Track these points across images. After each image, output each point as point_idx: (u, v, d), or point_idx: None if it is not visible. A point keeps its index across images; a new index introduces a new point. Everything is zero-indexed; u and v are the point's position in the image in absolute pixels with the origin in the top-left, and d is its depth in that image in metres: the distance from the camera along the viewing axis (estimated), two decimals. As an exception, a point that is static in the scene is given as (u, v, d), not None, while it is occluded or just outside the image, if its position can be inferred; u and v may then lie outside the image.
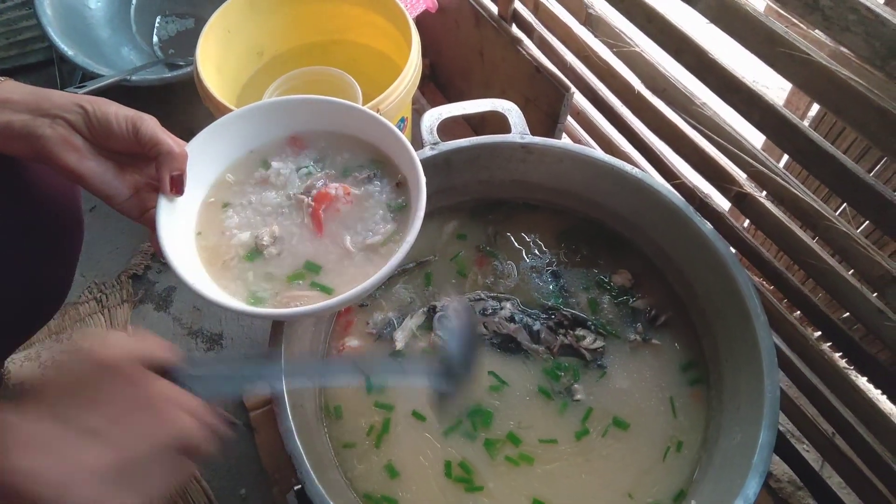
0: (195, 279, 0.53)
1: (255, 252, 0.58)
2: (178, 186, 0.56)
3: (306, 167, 0.62)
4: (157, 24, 1.31)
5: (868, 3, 0.54)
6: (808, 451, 0.93)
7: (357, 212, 0.59)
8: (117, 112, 0.54)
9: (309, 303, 0.53)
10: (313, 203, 0.59)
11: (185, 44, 1.30)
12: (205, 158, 0.60)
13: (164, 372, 0.43)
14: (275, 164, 0.62)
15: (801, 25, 0.66)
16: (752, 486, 0.55)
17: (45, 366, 0.95)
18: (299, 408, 0.61)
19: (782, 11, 0.65)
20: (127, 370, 0.41)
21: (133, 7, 1.34)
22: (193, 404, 0.43)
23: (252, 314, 0.53)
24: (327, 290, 0.55)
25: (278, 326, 0.62)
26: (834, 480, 0.89)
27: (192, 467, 0.43)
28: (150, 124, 0.54)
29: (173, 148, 0.55)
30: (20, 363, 0.95)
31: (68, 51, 1.16)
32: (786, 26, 0.64)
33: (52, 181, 0.64)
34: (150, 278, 1.14)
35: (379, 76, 1.11)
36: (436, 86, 1.38)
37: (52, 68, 1.39)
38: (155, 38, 1.29)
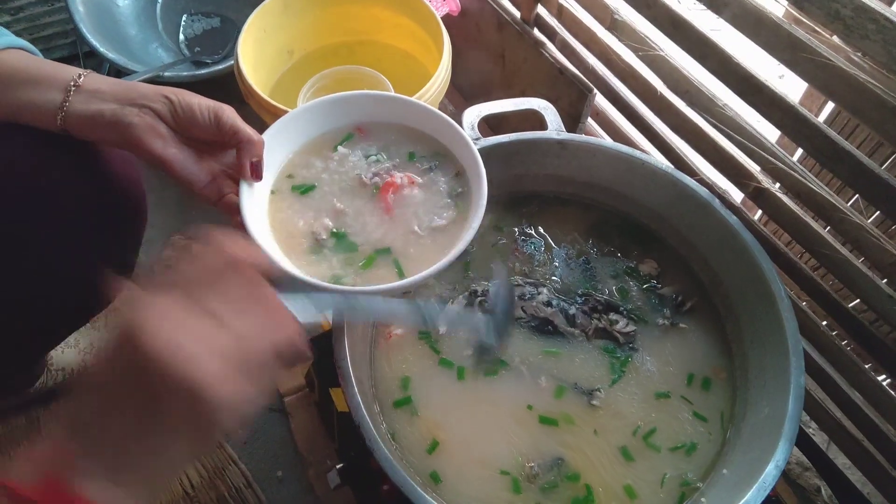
0: (280, 258, 0.57)
1: (327, 235, 0.62)
2: (257, 172, 0.60)
3: (374, 155, 0.66)
4: (183, 23, 1.34)
5: (887, 14, 0.60)
6: (814, 434, 0.99)
7: (420, 199, 0.64)
8: (200, 102, 0.58)
9: (384, 282, 0.57)
10: (381, 189, 0.63)
11: (210, 42, 1.33)
12: (276, 148, 0.64)
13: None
14: (342, 150, 0.66)
15: (820, 31, 0.72)
16: (783, 452, 0.60)
17: (85, 352, 0.98)
18: (360, 383, 0.65)
19: (801, 17, 0.71)
20: (248, 271, 0.42)
21: (159, 5, 1.37)
22: (293, 318, 0.43)
23: (336, 291, 0.57)
24: (401, 271, 0.59)
25: (340, 302, 0.66)
26: (839, 461, 0.95)
27: (284, 375, 0.44)
28: (229, 114, 0.58)
29: (252, 136, 0.59)
30: (61, 350, 0.97)
31: (100, 47, 1.18)
32: (806, 32, 0.70)
33: (122, 169, 0.67)
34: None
35: (404, 76, 1.16)
36: (454, 86, 1.42)
37: (76, 63, 1.41)
38: (181, 37, 1.33)
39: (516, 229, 0.86)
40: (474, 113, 0.82)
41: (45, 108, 0.56)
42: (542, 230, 0.87)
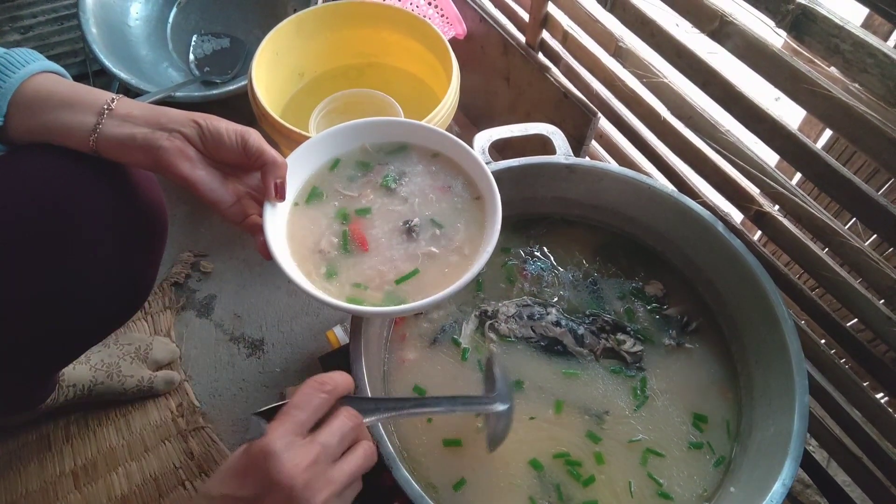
0: (300, 278, 0.59)
1: (337, 252, 0.65)
2: (280, 193, 0.62)
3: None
4: (192, 43, 1.36)
5: (884, 49, 0.62)
6: (815, 451, 1.01)
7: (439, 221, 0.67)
8: (227, 126, 0.60)
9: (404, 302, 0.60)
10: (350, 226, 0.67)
11: (220, 62, 1.35)
12: (298, 171, 0.66)
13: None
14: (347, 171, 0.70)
15: (817, 62, 0.75)
16: (789, 470, 0.62)
17: (96, 369, 0.99)
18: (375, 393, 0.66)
19: (801, 49, 0.74)
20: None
21: (169, 26, 1.40)
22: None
23: (353, 311, 0.59)
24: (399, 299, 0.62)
25: (357, 325, 0.68)
26: (840, 478, 0.97)
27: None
28: (255, 137, 0.61)
29: (276, 158, 0.61)
30: (72, 366, 0.98)
31: (112, 67, 1.20)
32: (804, 62, 0.72)
33: (146, 188, 0.69)
34: (191, 286, 1.18)
35: (412, 98, 1.19)
36: (459, 107, 1.45)
37: (85, 82, 1.43)
38: (191, 57, 1.35)
39: (524, 251, 0.89)
40: (485, 137, 0.84)
41: (78, 131, 0.58)
42: (549, 251, 0.89)
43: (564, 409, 0.74)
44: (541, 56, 1.17)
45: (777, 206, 0.84)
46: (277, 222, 0.63)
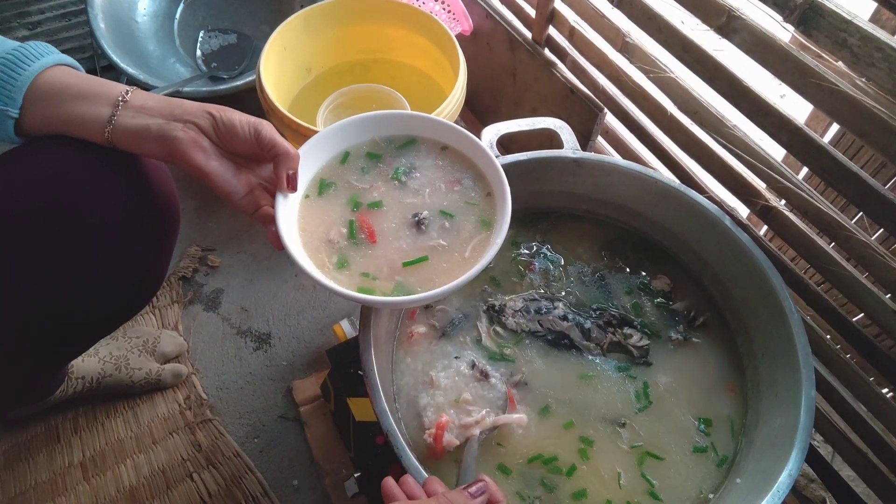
0: (311, 268, 0.60)
1: (346, 242, 0.65)
2: (292, 184, 0.63)
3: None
4: (200, 39, 1.37)
5: (892, 43, 0.63)
6: (819, 446, 1.01)
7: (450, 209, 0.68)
8: (241, 118, 0.61)
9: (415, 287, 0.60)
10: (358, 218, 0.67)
11: (227, 58, 1.36)
12: (309, 163, 0.67)
13: None
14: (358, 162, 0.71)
15: (825, 56, 0.75)
16: (795, 462, 0.62)
17: (104, 361, 1.00)
18: (385, 392, 0.67)
19: (808, 44, 0.74)
20: None
21: (176, 22, 1.40)
22: None
23: (363, 301, 0.59)
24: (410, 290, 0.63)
25: (366, 316, 0.69)
26: (844, 473, 0.97)
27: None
28: (268, 129, 0.61)
29: (289, 149, 0.62)
30: (81, 359, 0.99)
31: (120, 62, 1.21)
32: (811, 57, 0.73)
33: (160, 181, 0.69)
34: (198, 280, 1.19)
35: (418, 93, 1.19)
36: (465, 103, 1.46)
37: (93, 78, 1.44)
38: (198, 52, 1.35)
39: (532, 244, 0.89)
40: (493, 131, 0.84)
41: (93, 122, 0.58)
42: (557, 246, 0.89)
43: (568, 407, 0.75)
44: (547, 52, 1.17)
45: (783, 201, 0.84)
46: (289, 213, 0.64)
